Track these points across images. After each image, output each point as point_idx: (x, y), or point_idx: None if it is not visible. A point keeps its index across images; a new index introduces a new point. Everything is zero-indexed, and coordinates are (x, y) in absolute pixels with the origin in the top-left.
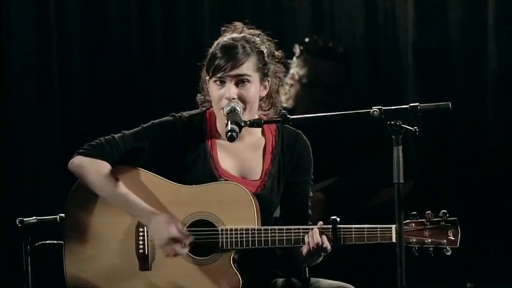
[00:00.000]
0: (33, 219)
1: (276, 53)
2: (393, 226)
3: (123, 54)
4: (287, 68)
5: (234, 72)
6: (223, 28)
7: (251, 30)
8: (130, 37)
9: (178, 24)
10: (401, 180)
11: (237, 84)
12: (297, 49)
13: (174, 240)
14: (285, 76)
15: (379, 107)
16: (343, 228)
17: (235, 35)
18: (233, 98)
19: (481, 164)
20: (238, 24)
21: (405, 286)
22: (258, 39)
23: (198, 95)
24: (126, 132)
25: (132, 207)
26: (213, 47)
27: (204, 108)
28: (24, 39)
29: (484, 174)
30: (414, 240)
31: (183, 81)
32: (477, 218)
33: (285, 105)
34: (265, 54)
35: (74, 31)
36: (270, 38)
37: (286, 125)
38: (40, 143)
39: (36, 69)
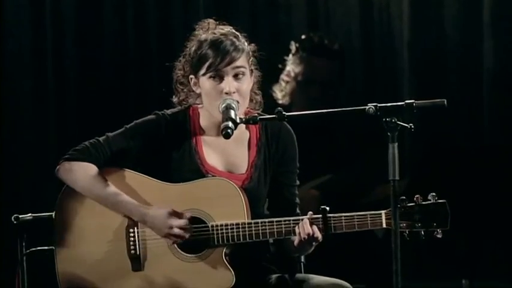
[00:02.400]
0: (28, 216)
1: (251, 46)
2: (383, 212)
3: (118, 53)
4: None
5: (233, 66)
6: (197, 26)
7: (223, 26)
8: (126, 36)
9: (173, 23)
10: (397, 178)
11: (234, 78)
12: (292, 46)
13: (177, 226)
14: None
15: (375, 104)
16: (333, 217)
17: (221, 30)
18: (233, 92)
19: (476, 161)
20: (211, 21)
21: (401, 283)
22: (239, 33)
23: (174, 97)
24: (110, 134)
25: (123, 206)
26: (196, 45)
27: (186, 105)
28: (19, 38)
29: (480, 172)
30: (405, 224)
31: None
32: (472, 216)
33: (280, 102)
34: (248, 48)
35: (69, 30)
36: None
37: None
38: (36, 140)
39: (32, 68)
